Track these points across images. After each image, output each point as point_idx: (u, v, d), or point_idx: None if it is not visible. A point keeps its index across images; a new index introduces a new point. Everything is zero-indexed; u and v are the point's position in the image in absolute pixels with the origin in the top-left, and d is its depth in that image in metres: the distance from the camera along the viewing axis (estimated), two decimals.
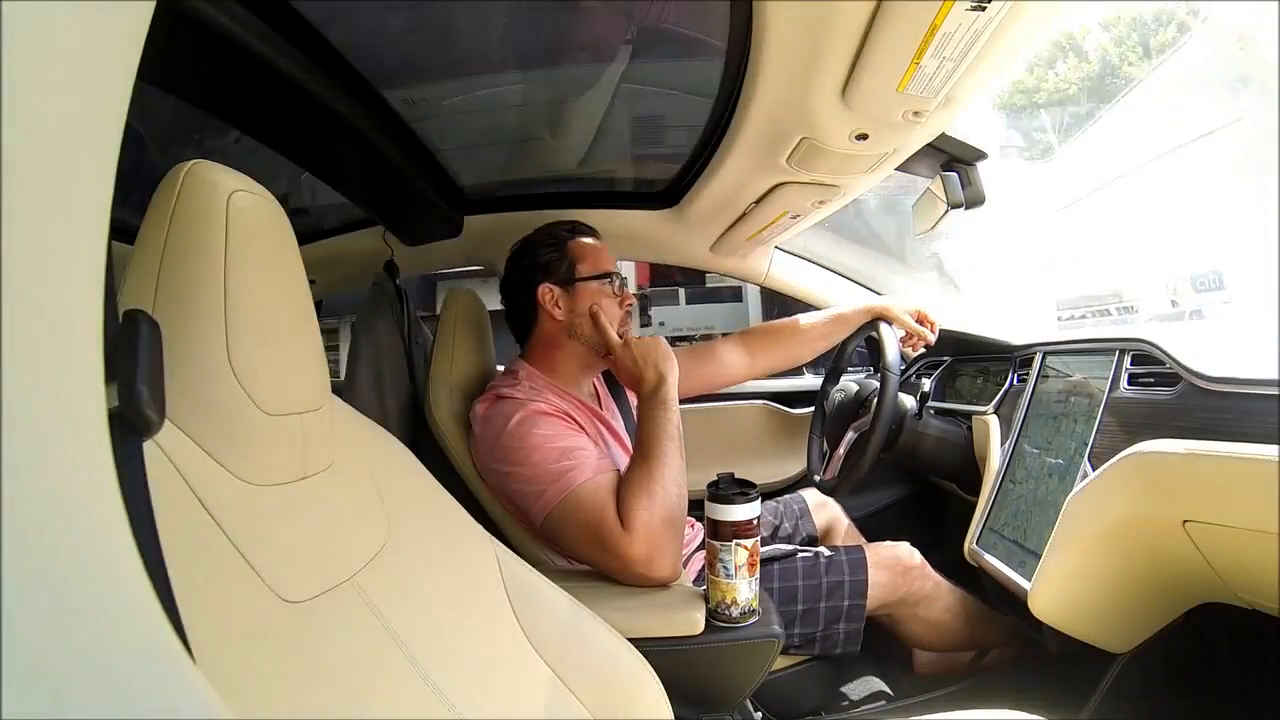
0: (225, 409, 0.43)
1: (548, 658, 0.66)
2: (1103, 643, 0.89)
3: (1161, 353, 0.85)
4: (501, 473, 0.95)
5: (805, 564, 1.09)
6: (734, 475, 0.87)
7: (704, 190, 1.13)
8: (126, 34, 0.23)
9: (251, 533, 0.43)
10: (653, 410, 0.95)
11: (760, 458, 1.65)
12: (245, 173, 0.46)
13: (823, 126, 0.80)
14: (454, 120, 1.18)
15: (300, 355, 0.50)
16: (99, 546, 0.20)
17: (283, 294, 0.48)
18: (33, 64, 0.19)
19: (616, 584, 0.87)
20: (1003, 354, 1.26)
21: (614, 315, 1.06)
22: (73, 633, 0.18)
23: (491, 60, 1.04)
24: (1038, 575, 0.88)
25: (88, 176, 0.22)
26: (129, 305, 0.37)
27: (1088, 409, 0.94)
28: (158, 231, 0.42)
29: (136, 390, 0.32)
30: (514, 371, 1.07)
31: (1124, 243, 2.11)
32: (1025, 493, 1.02)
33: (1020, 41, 0.64)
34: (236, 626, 0.40)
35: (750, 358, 1.34)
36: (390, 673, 0.51)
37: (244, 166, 0.46)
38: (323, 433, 0.52)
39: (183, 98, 0.75)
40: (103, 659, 0.18)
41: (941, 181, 1.14)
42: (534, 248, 1.09)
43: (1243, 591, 0.73)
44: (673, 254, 1.55)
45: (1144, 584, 0.83)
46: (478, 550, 0.68)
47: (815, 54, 0.66)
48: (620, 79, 1.05)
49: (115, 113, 0.23)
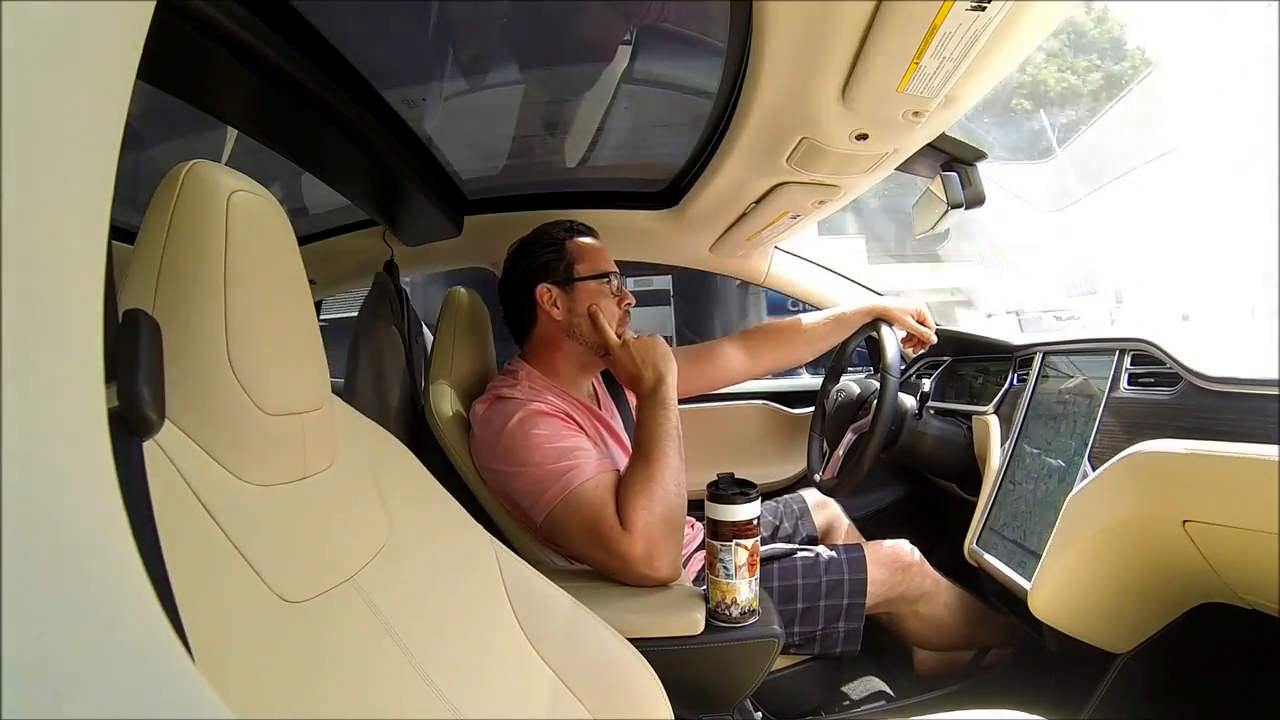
0: (225, 409, 0.43)
1: (548, 658, 0.66)
2: (1103, 643, 0.89)
3: (1161, 353, 0.85)
4: (501, 473, 0.95)
5: (805, 563, 1.09)
6: (734, 475, 0.87)
7: (704, 190, 1.13)
8: (126, 34, 0.23)
9: (251, 533, 0.43)
10: (652, 410, 0.95)
11: (760, 458, 1.65)
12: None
13: (823, 126, 0.80)
14: (454, 120, 1.18)
15: (300, 355, 0.50)
16: (99, 546, 0.20)
17: (283, 294, 0.48)
18: (33, 64, 0.19)
19: (616, 584, 0.87)
20: (1003, 354, 1.26)
21: (612, 315, 1.06)
22: (73, 633, 0.18)
23: (491, 60, 1.04)
24: (1038, 575, 0.88)
25: (88, 176, 0.22)
26: (129, 305, 0.37)
27: (1088, 409, 0.94)
28: (158, 231, 0.42)
29: (137, 390, 0.32)
30: (513, 371, 1.07)
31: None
32: (1025, 493, 1.02)
33: (1020, 41, 0.64)
34: (236, 626, 0.40)
35: (751, 358, 1.34)
36: (390, 673, 0.51)
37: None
38: (323, 433, 0.52)
39: (183, 98, 0.75)
40: (102, 659, 0.18)
41: (941, 181, 1.14)
42: (532, 248, 1.09)
43: (1243, 591, 0.73)
44: (673, 254, 1.55)
45: (1144, 584, 0.83)
46: (478, 550, 0.68)
47: (815, 54, 0.66)
48: (620, 79, 1.05)
49: (115, 113, 0.23)
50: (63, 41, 0.20)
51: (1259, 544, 0.64)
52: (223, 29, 0.63)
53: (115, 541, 0.21)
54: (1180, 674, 0.90)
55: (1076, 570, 0.85)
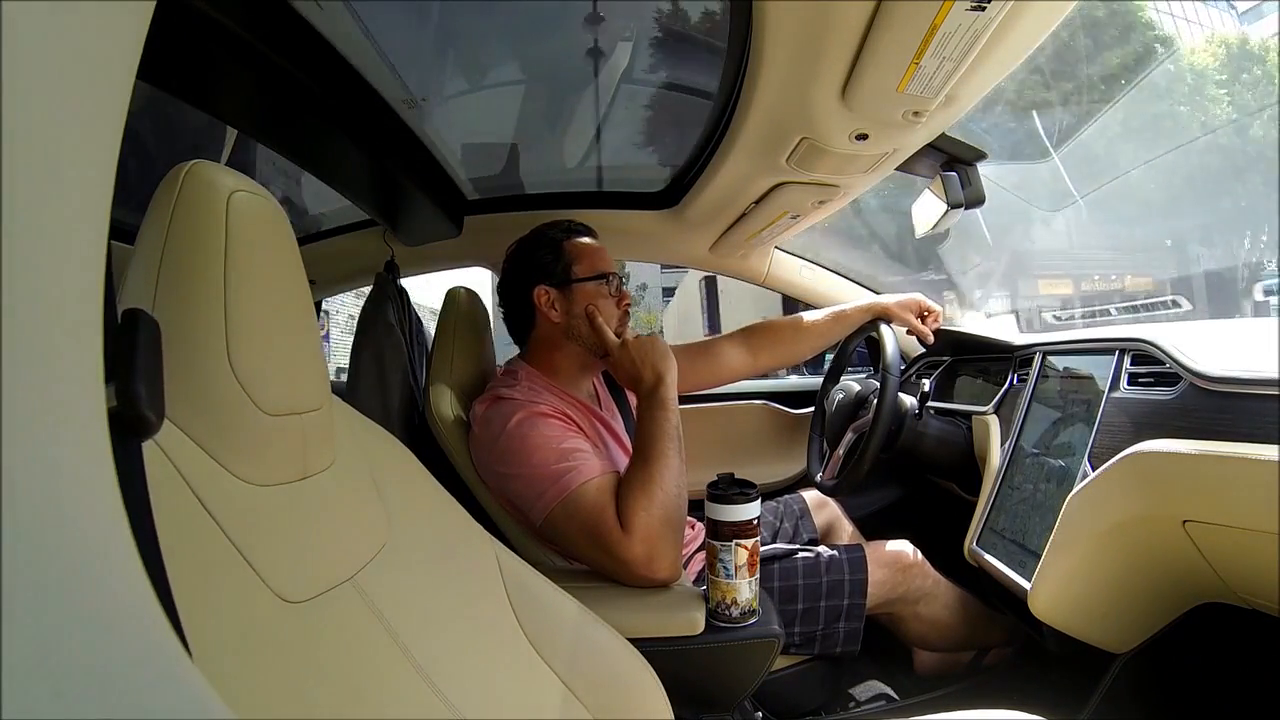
0: (225, 409, 0.43)
1: (548, 658, 0.66)
2: (1103, 643, 0.89)
3: (1161, 353, 0.85)
4: (501, 473, 0.95)
5: (805, 563, 1.09)
6: (734, 475, 0.87)
7: (704, 190, 1.13)
8: (126, 34, 0.23)
9: (251, 533, 0.43)
10: (651, 410, 0.95)
11: (760, 458, 1.65)
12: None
13: (823, 126, 0.80)
14: (454, 120, 1.18)
15: (300, 355, 0.50)
16: (99, 546, 0.20)
17: (283, 294, 0.48)
18: (33, 64, 0.19)
19: (616, 584, 0.87)
20: (1003, 354, 1.26)
21: (611, 315, 1.05)
22: (72, 633, 0.18)
23: (492, 60, 1.05)
24: (1038, 575, 0.88)
25: (88, 176, 0.22)
26: (129, 305, 0.37)
27: (1088, 409, 0.94)
28: (158, 231, 0.42)
29: (136, 390, 0.32)
30: (513, 372, 1.07)
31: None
32: (1025, 493, 1.02)
33: (1020, 41, 0.64)
34: (236, 627, 0.40)
35: (751, 355, 1.34)
36: (390, 673, 0.51)
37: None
38: (323, 433, 0.52)
39: (183, 98, 0.75)
40: (102, 659, 0.18)
41: (941, 181, 1.14)
42: (530, 248, 1.09)
43: (1243, 591, 0.73)
44: (673, 254, 1.55)
45: (1144, 584, 0.83)
46: (478, 551, 0.68)
47: (815, 54, 0.66)
48: (620, 79, 1.05)
49: (115, 113, 0.23)
50: (63, 41, 0.20)
51: (1259, 544, 0.64)
52: (223, 29, 0.63)
53: (115, 541, 0.21)
54: (1180, 674, 0.90)
55: (1077, 570, 0.85)
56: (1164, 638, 0.87)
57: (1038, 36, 0.64)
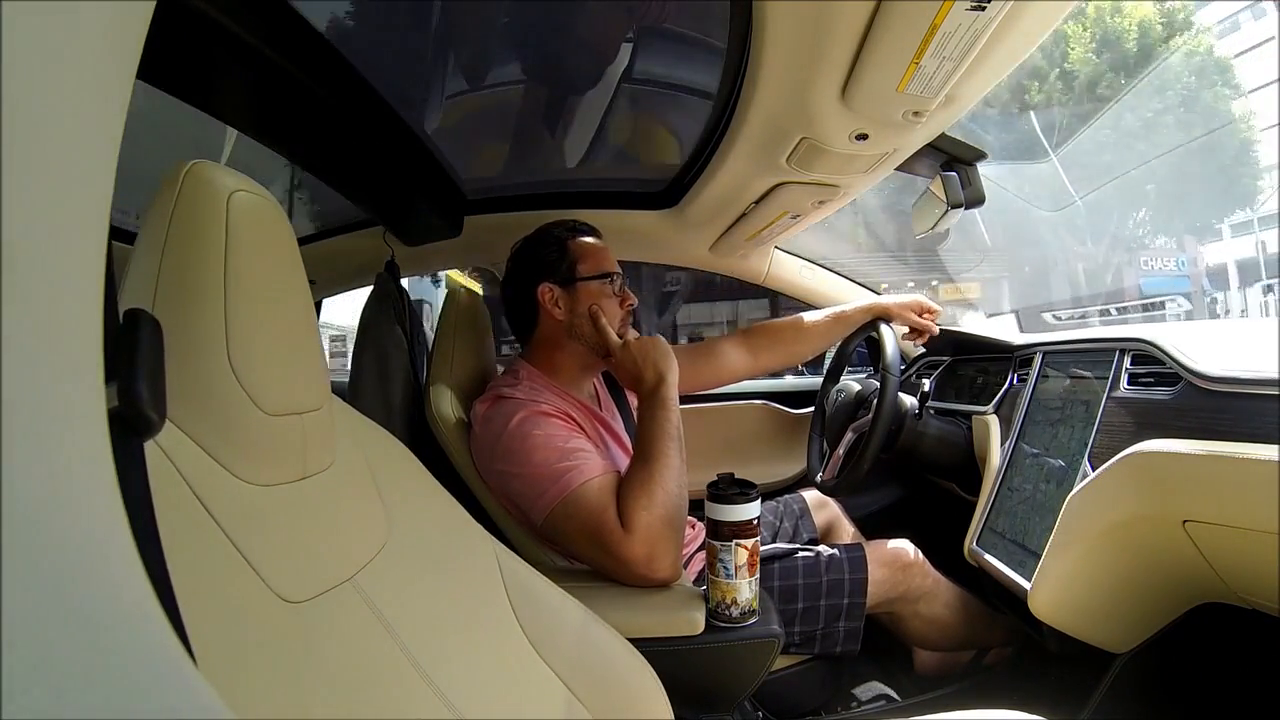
0: (225, 409, 0.43)
1: (548, 657, 0.66)
2: (1103, 643, 0.89)
3: (1161, 353, 0.85)
4: (502, 472, 0.95)
5: (805, 562, 1.09)
6: (734, 475, 0.87)
7: (704, 190, 1.13)
8: (126, 34, 0.23)
9: (251, 533, 0.43)
10: (652, 410, 0.95)
11: (760, 458, 1.65)
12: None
13: (823, 126, 0.80)
14: (454, 120, 1.18)
15: (300, 355, 0.50)
16: (99, 546, 0.20)
17: (283, 294, 0.48)
18: (33, 63, 0.19)
19: (617, 584, 0.87)
20: (1003, 354, 1.26)
21: (614, 315, 1.05)
22: (73, 633, 0.18)
23: (492, 60, 1.04)
24: (1038, 575, 0.88)
25: (88, 176, 0.22)
26: (129, 305, 0.37)
27: (1087, 409, 0.94)
28: (158, 231, 0.42)
29: (137, 390, 0.32)
30: (514, 371, 1.07)
31: None
32: (1025, 493, 1.02)
33: (1020, 41, 0.64)
34: (236, 627, 0.40)
35: (751, 355, 1.34)
36: (390, 673, 0.51)
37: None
38: (323, 433, 0.52)
39: (183, 98, 0.75)
40: (102, 659, 0.18)
41: (941, 181, 1.14)
42: (534, 247, 1.09)
43: (1243, 591, 0.73)
44: (673, 254, 1.55)
45: (1144, 584, 0.83)
46: (478, 550, 0.68)
47: (815, 54, 0.66)
48: (620, 79, 1.05)
49: (115, 113, 0.23)
50: (63, 41, 0.20)
51: (1259, 544, 0.64)
52: (223, 29, 0.63)
53: (115, 541, 0.21)
54: (1180, 674, 0.90)
55: (1077, 570, 0.85)
56: (1164, 638, 0.87)
57: (1038, 36, 0.64)
